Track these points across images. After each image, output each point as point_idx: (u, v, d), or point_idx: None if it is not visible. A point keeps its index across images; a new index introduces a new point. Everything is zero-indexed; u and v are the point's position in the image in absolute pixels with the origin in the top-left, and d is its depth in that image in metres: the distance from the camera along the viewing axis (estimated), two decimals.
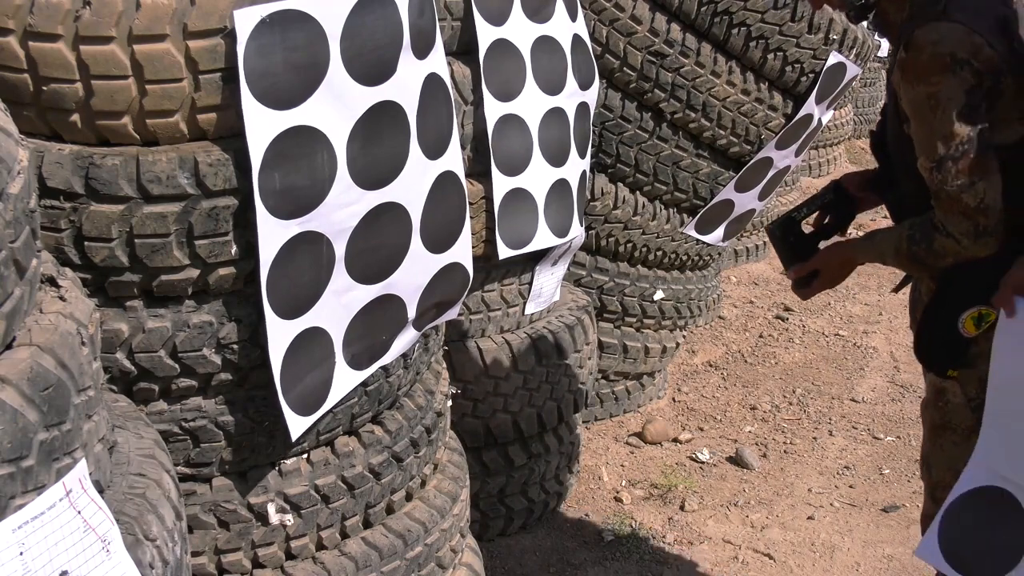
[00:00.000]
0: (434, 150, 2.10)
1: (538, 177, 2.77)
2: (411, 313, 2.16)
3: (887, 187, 2.30)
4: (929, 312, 2.22)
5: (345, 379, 2.05)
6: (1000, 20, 1.94)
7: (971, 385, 2.16)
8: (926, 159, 1.99)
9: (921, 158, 2.01)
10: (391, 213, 2.02)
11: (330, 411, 2.05)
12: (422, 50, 2.04)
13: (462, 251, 2.25)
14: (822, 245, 2.41)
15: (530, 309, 3.09)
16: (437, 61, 2.12)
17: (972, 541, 1.89)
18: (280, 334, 1.88)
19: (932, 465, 2.32)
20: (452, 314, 2.34)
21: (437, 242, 2.17)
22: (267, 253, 1.81)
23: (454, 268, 2.24)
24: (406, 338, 2.19)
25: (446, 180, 2.15)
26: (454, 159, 2.18)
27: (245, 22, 1.69)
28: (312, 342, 1.95)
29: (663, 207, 3.75)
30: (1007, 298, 1.88)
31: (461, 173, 2.21)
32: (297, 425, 1.96)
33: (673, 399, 4.24)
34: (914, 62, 1.93)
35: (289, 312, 1.89)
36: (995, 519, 1.89)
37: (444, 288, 2.24)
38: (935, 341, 2.23)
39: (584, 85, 2.88)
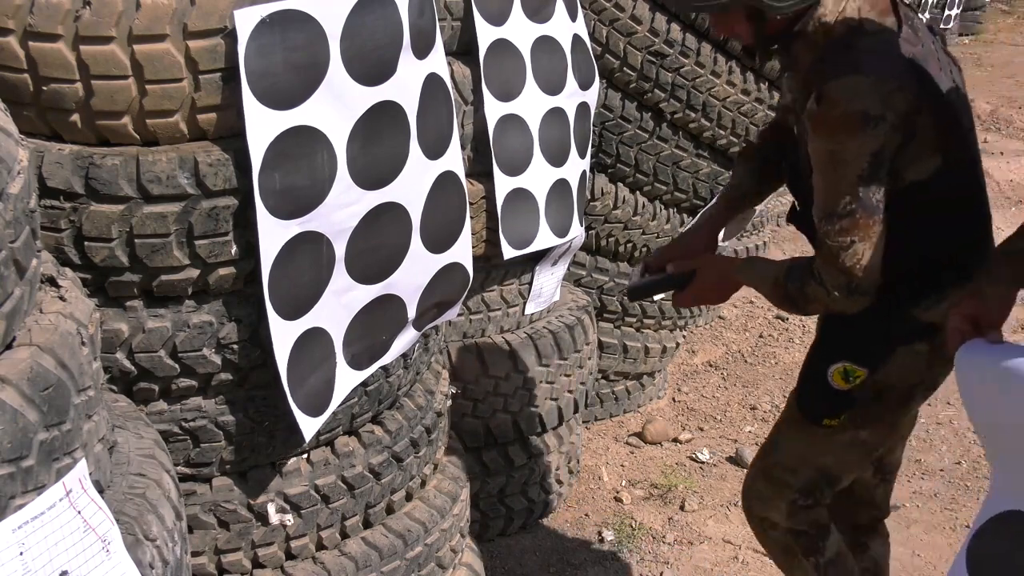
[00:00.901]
0: (434, 150, 2.11)
1: (539, 177, 2.77)
2: (411, 313, 2.16)
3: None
4: (806, 361, 2.28)
5: (347, 379, 2.06)
6: (910, 59, 1.96)
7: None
8: (817, 208, 2.02)
9: (815, 205, 2.04)
10: (391, 213, 2.02)
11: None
12: (422, 50, 2.04)
13: (462, 251, 2.25)
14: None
15: (530, 309, 3.09)
16: (437, 61, 2.12)
17: (1001, 566, 1.84)
18: (283, 335, 1.88)
19: (779, 447, 2.35)
20: (452, 314, 2.34)
21: (437, 242, 2.17)
22: (268, 253, 1.81)
23: (454, 268, 2.24)
24: (406, 338, 2.19)
25: (446, 180, 2.15)
26: (454, 159, 2.18)
27: (245, 22, 1.69)
28: (314, 343, 1.95)
29: (663, 207, 3.75)
30: (954, 341, 1.79)
31: (461, 173, 2.21)
32: (308, 426, 1.96)
33: (673, 399, 4.24)
34: (824, 117, 1.93)
35: (290, 313, 1.89)
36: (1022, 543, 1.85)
37: (444, 288, 2.24)
38: (807, 390, 2.29)
39: (584, 85, 2.89)
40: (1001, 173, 6.68)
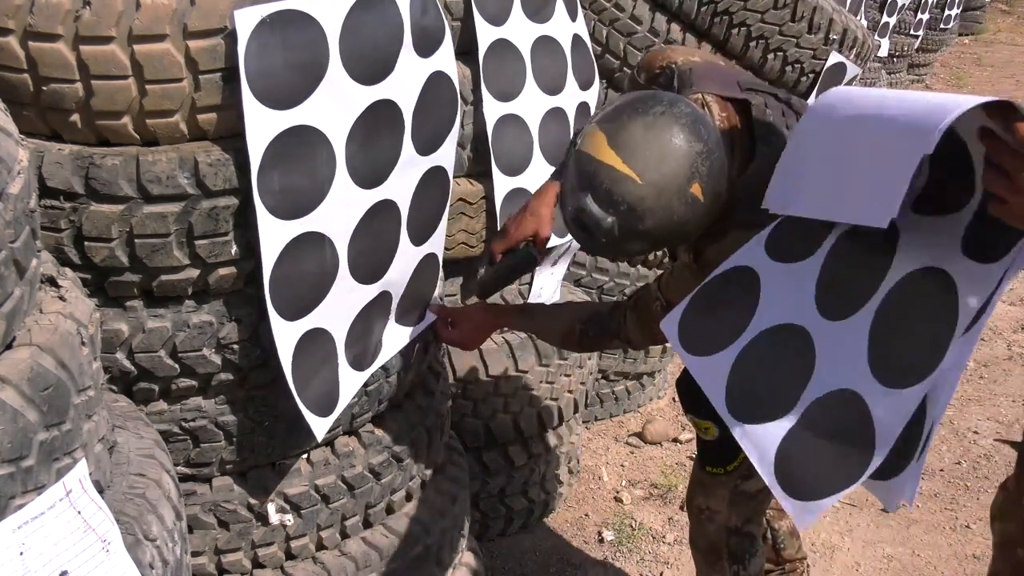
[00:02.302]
0: (427, 146, 2.11)
1: (539, 178, 2.77)
2: (394, 307, 2.16)
3: None
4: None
5: (350, 380, 2.06)
6: None
7: None
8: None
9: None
10: (385, 210, 2.03)
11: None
12: (426, 49, 2.04)
13: (437, 242, 2.26)
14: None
15: None
16: (444, 59, 2.11)
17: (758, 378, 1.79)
18: (285, 336, 1.88)
19: None
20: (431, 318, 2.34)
21: (420, 235, 2.17)
22: (269, 254, 1.81)
23: (430, 259, 2.25)
24: (393, 333, 2.18)
25: (433, 174, 2.16)
26: (446, 156, 2.18)
27: (245, 22, 1.69)
28: (316, 343, 1.95)
29: None
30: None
31: (450, 169, 2.21)
32: (319, 426, 1.97)
33: (673, 399, 4.24)
34: None
35: (292, 313, 1.89)
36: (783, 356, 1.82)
37: (422, 280, 2.24)
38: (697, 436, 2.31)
39: (584, 85, 2.89)
40: None
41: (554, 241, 2.87)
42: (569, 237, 2.92)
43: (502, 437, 3.07)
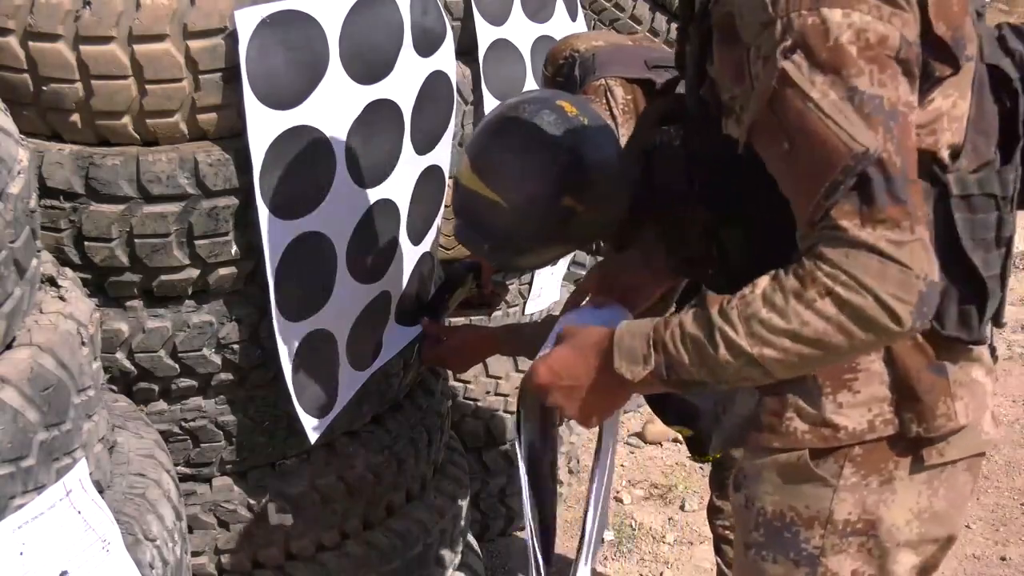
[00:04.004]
0: (425, 145, 2.11)
1: None
2: (393, 307, 2.16)
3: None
4: None
5: (350, 380, 2.06)
6: None
7: None
8: None
9: None
10: (385, 211, 2.03)
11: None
12: (427, 48, 2.04)
13: (433, 241, 2.26)
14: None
15: (530, 309, 3.08)
16: (444, 59, 2.11)
17: None
18: (288, 337, 1.88)
19: None
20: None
21: (418, 233, 2.17)
22: (273, 254, 1.81)
23: (426, 258, 2.25)
24: (394, 334, 2.18)
25: (430, 173, 2.16)
26: (443, 154, 2.18)
27: (246, 22, 1.69)
28: (318, 344, 1.95)
29: None
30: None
31: (447, 167, 2.21)
32: (314, 427, 1.96)
33: None
34: None
35: (295, 314, 1.89)
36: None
37: (419, 277, 2.24)
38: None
39: None
40: None
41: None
42: None
43: (502, 437, 3.07)
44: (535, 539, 1.79)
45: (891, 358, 1.43)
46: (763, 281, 1.28)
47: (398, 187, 2.05)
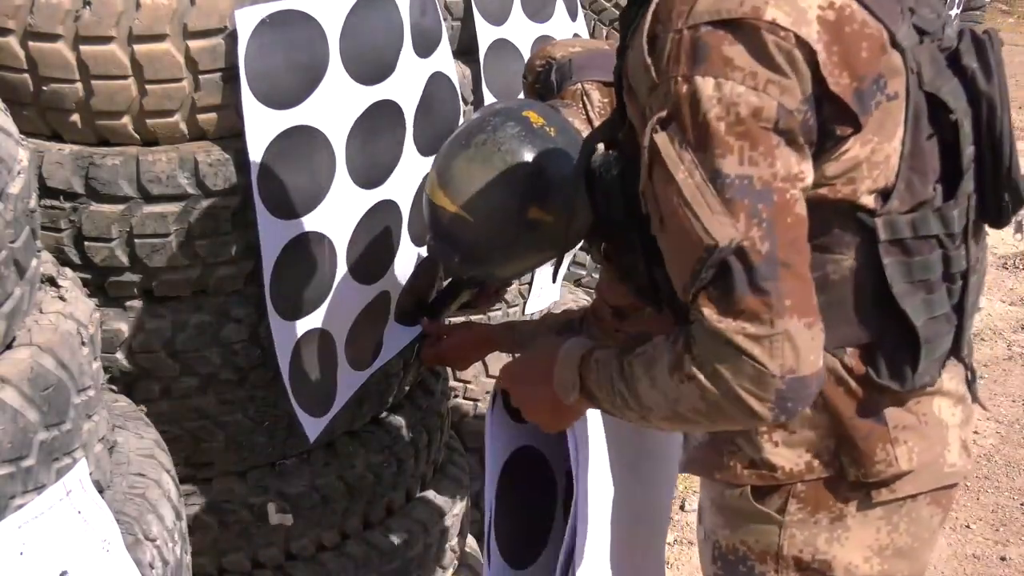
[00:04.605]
0: (429, 147, 2.11)
1: None
2: (392, 306, 2.16)
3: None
4: None
5: (349, 380, 2.05)
6: None
7: None
8: None
9: None
10: (386, 211, 2.03)
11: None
12: (425, 49, 2.04)
13: None
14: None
15: (530, 308, 3.08)
16: (442, 60, 2.11)
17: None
18: (284, 335, 1.88)
19: None
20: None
21: (420, 235, 2.17)
22: (269, 254, 1.81)
23: (429, 259, 2.24)
24: (394, 334, 2.18)
25: None
26: None
27: (246, 22, 1.69)
28: (316, 344, 1.95)
29: None
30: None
31: None
32: (312, 427, 1.96)
33: None
34: None
35: (292, 313, 1.89)
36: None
37: (423, 279, 2.24)
38: None
39: None
40: None
41: None
42: None
43: None
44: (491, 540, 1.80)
45: (824, 403, 1.37)
46: (657, 343, 1.29)
47: (400, 188, 2.05)
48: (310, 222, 1.86)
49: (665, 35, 1.21)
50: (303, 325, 1.91)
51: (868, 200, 1.30)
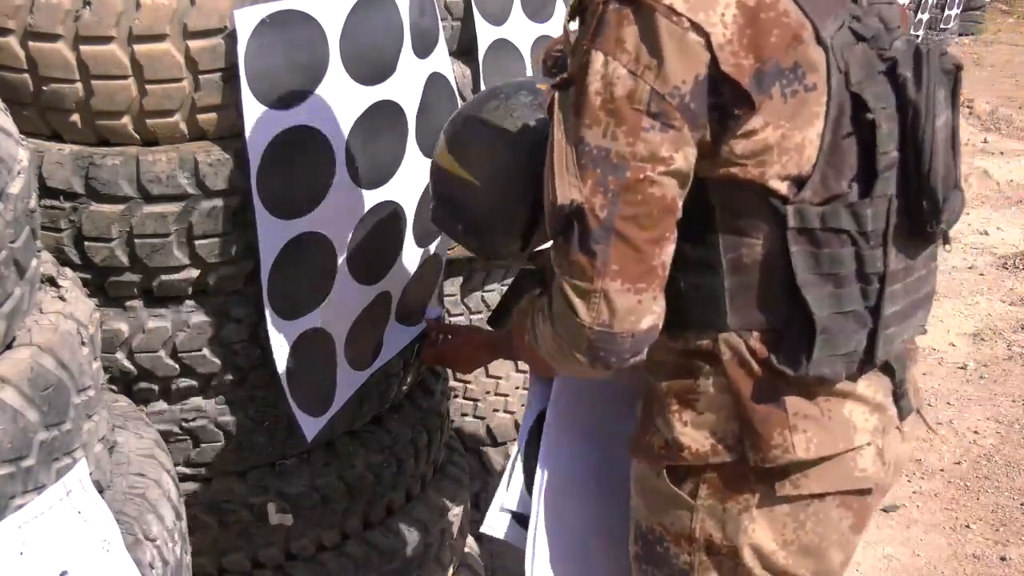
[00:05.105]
0: (431, 147, 2.11)
1: None
2: (394, 306, 2.16)
3: None
4: None
5: (348, 380, 2.05)
6: None
7: None
8: None
9: None
10: (388, 212, 2.03)
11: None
12: (423, 49, 2.04)
13: (441, 242, 2.25)
14: None
15: None
16: (440, 60, 2.11)
17: None
18: (282, 335, 1.88)
19: None
20: (433, 312, 2.33)
21: (423, 235, 2.17)
22: (268, 254, 1.81)
23: (433, 259, 2.25)
24: (394, 334, 2.18)
25: None
26: None
27: (246, 22, 1.69)
28: (314, 343, 1.95)
29: None
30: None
31: None
32: (310, 426, 1.96)
33: None
34: None
35: (290, 313, 1.89)
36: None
37: (424, 279, 2.24)
38: None
39: None
40: (1001, 173, 6.68)
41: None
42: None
43: (502, 437, 3.07)
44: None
45: (728, 384, 1.42)
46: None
47: (403, 188, 2.05)
48: (310, 222, 1.86)
49: (590, 5, 1.33)
50: (301, 324, 1.91)
51: (780, 186, 1.35)
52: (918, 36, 8.50)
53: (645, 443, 1.51)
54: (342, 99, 1.85)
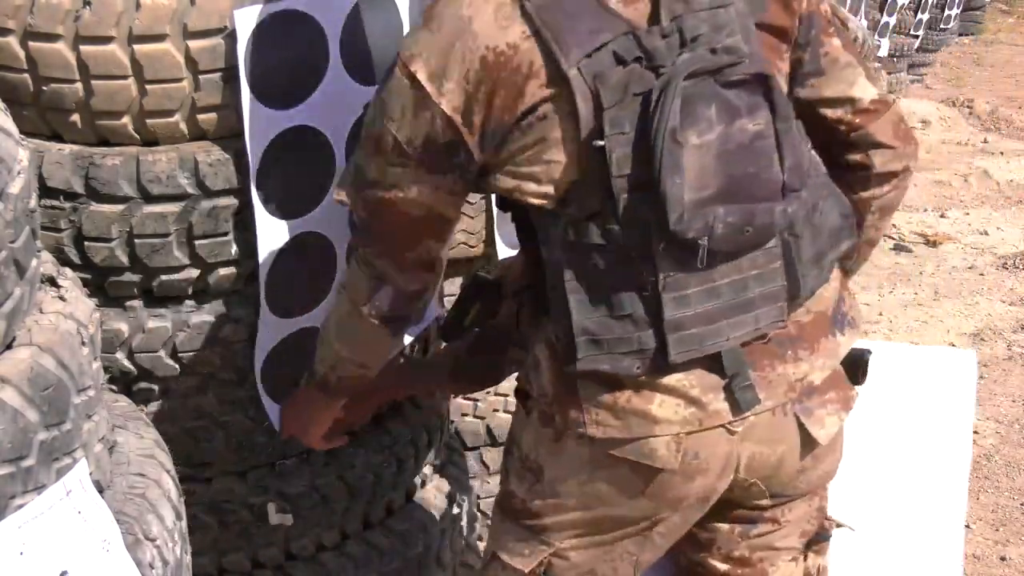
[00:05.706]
0: None
1: None
2: None
3: None
4: None
5: None
6: None
7: None
8: None
9: None
10: None
11: None
12: None
13: None
14: None
15: None
16: None
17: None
18: (273, 331, 1.88)
19: None
20: (434, 312, 2.32)
21: None
22: (266, 253, 1.81)
23: None
24: None
25: None
26: None
27: (246, 22, 1.69)
28: (309, 343, 1.94)
29: None
30: None
31: None
32: (276, 414, 1.96)
33: None
34: None
35: (287, 312, 1.89)
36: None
37: None
38: None
39: None
40: (1001, 173, 6.68)
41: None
42: None
43: (502, 437, 3.06)
44: None
45: (538, 362, 1.63)
46: None
47: None
48: (310, 223, 1.86)
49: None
50: (296, 323, 1.91)
51: (544, 203, 1.50)
52: (918, 36, 8.51)
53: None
54: (342, 99, 1.85)
